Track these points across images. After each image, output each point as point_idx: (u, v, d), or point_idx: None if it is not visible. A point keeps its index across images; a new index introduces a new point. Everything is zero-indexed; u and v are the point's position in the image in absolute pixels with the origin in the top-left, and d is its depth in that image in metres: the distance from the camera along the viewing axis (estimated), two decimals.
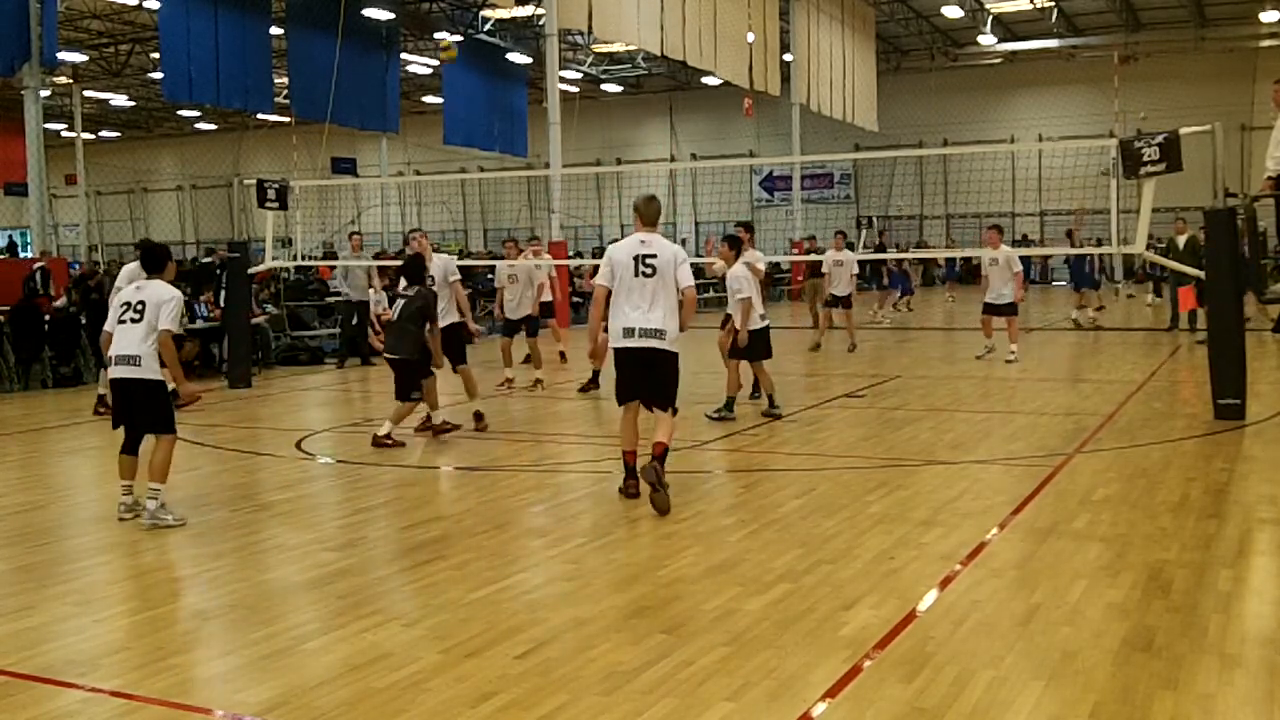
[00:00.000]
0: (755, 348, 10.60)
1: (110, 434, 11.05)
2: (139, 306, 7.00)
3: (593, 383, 12.99)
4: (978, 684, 4.14)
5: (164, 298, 7.01)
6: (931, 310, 27.03)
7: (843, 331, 17.23)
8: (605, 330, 7.51)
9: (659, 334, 7.13)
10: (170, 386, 7.19)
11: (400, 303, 10.04)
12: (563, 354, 16.62)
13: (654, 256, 7.20)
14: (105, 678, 4.41)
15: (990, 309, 15.28)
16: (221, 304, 15.42)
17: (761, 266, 12.05)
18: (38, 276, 18.26)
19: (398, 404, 9.80)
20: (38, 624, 5.12)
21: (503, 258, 14.91)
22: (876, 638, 4.64)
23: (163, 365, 6.98)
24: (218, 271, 15.93)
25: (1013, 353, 14.94)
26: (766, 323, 10.75)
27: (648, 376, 7.24)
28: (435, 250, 11.66)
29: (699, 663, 4.41)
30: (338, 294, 18.90)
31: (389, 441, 9.64)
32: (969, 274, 36.44)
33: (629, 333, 7.16)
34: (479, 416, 10.66)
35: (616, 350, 7.30)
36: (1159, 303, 23.98)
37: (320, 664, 4.52)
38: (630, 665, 4.39)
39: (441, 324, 10.31)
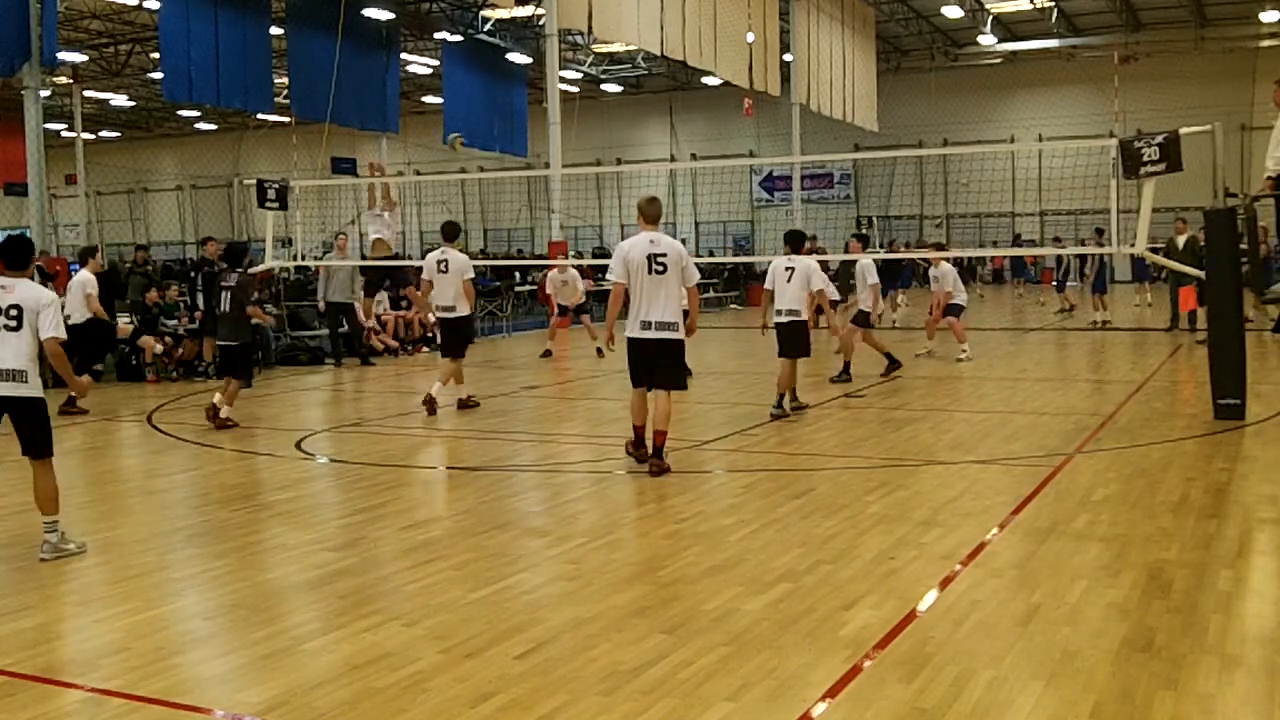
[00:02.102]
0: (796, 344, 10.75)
1: (111, 434, 11.06)
2: (12, 313, 6.20)
3: (845, 375, 13.42)
4: (978, 684, 4.14)
5: (42, 302, 6.27)
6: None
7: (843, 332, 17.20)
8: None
9: (672, 326, 8.08)
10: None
11: (225, 294, 10.92)
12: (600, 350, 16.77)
13: (664, 255, 8.08)
14: (105, 678, 4.41)
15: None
16: (200, 305, 15.10)
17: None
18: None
19: (228, 381, 10.89)
20: (38, 624, 5.12)
21: (498, 257, 15.48)
22: (876, 638, 4.64)
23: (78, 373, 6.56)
24: (193, 274, 15.53)
25: (964, 352, 15.38)
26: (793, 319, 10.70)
27: (659, 363, 8.11)
28: (434, 250, 12.04)
29: (699, 663, 4.41)
30: (314, 300, 18.54)
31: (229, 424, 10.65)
32: (963, 274, 36.41)
33: (646, 325, 8.06)
34: (465, 402, 11.81)
35: (633, 340, 8.12)
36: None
37: (320, 664, 4.52)
38: (630, 665, 4.39)
39: (453, 315, 11.68)
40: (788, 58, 32.93)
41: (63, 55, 26.16)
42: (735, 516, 6.85)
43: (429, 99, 40.94)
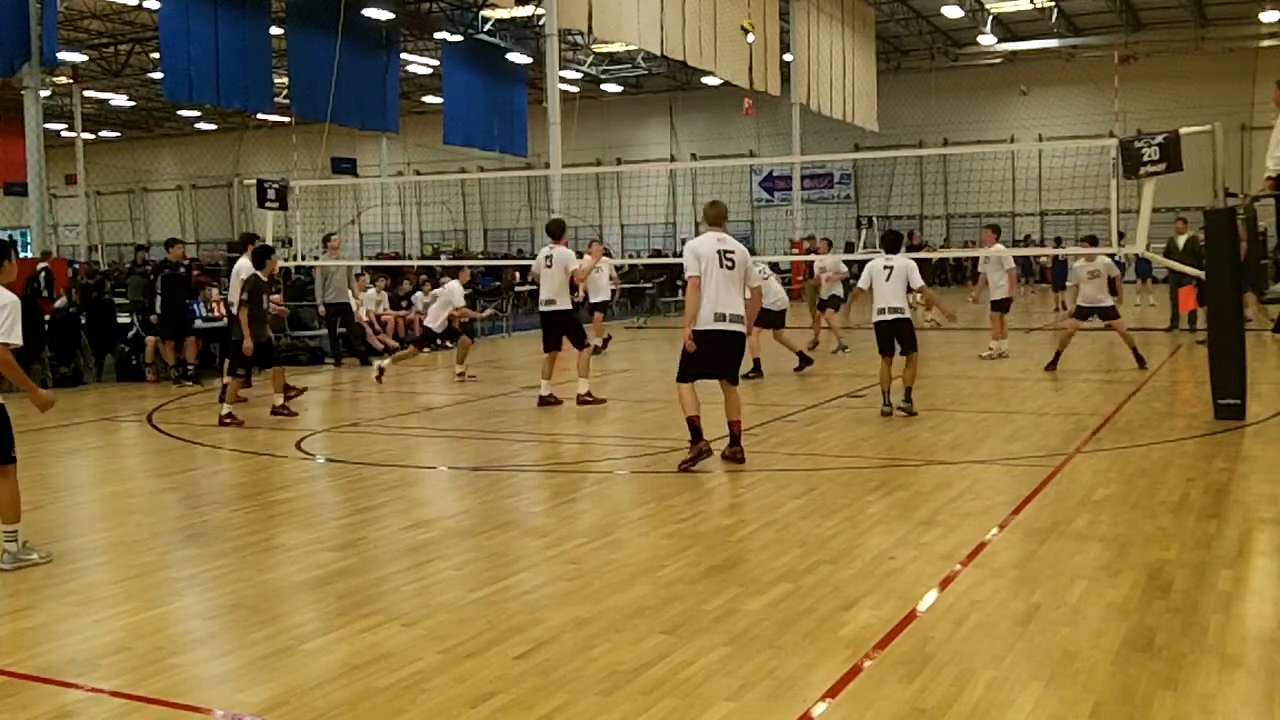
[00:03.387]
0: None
1: (111, 434, 11.06)
2: None
3: (756, 371, 13.70)
4: (978, 684, 4.14)
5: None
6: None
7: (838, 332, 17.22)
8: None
9: (740, 319, 8.25)
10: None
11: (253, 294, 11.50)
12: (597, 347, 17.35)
13: (732, 253, 8.25)
14: (105, 678, 4.40)
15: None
16: (158, 309, 14.71)
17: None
18: (41, 278, 18.25)
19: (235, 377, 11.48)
20: (38, 624, 5.12)
21: (494, 257, 15.88)
22: (876, 638, 4.64)
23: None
24: (153, 276, 14.98)
25: (990, 349, 15.42)
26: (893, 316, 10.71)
27: (729, 355, 8.29)
28: (434, 251, 12.12)
29: (699, 663, 4.40)
30: (314, 300, 18.44)
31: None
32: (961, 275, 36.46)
33: (720, 317, 8.13)
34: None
35: (705, 331, 8.14)
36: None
37: (320, 664, 4.52)
38: (630, 665, 4.39)
39: (553, 309, 11.88)
40: (788, 58, 32.93)
41: (63, 55, 26.19)
42: (735, 516, 6.85)
43: (429, 99, 40.95)
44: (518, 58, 33.20)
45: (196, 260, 21.13)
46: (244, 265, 12.26)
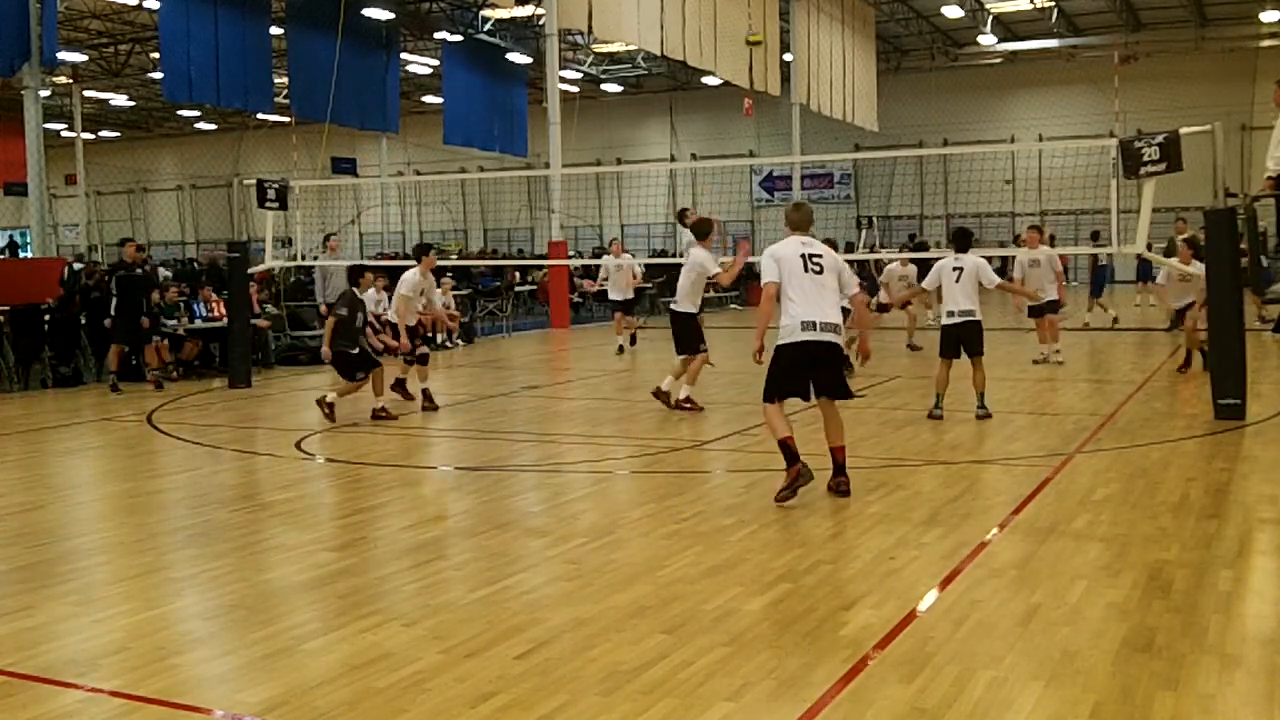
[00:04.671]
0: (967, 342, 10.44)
1: (111, 434, 11.06)
2: None
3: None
4: (978, 684, 4.14)
5: None
6: (929, 310, 26.98)
7: None
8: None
9: (837, 328, 7.16)
10: None
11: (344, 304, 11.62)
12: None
13: (820, 256, 7.25)
14: (105, 678, 4.40)
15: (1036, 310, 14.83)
16: (113, 312, 14.22)
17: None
18: (66, 273, 18.22)
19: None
20: (38, 624, 5.12)
21: (498, 257, 15.53)
22: (876, 638, 4.64)
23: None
24: (107, 278, 14.73)
25: (1043, 353, 14.64)
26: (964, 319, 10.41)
27: (821, 371, 7.17)
28: (434, 251, 12.39)
29: (699, 663, 4.40)
30: (314, 300, 18.35)
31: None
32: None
33: (809, 326, 7.06)
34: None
35: (791, 345, 7.11)
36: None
37: (320, 664, 4.52)
38: (630, 665, 4.39)
39: (675, 310, 11.48)
40: (788, 58, 32.93)
41: (63, 55, 26.18)
42: (735, 516, 6.84)
43: (429, 99, 40.94)
44: (518, 58, 33.20)
45: (148, 260, 20.95)
46: (409, 277, 11.96)
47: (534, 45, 32.78)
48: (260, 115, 33.93)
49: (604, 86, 42.85)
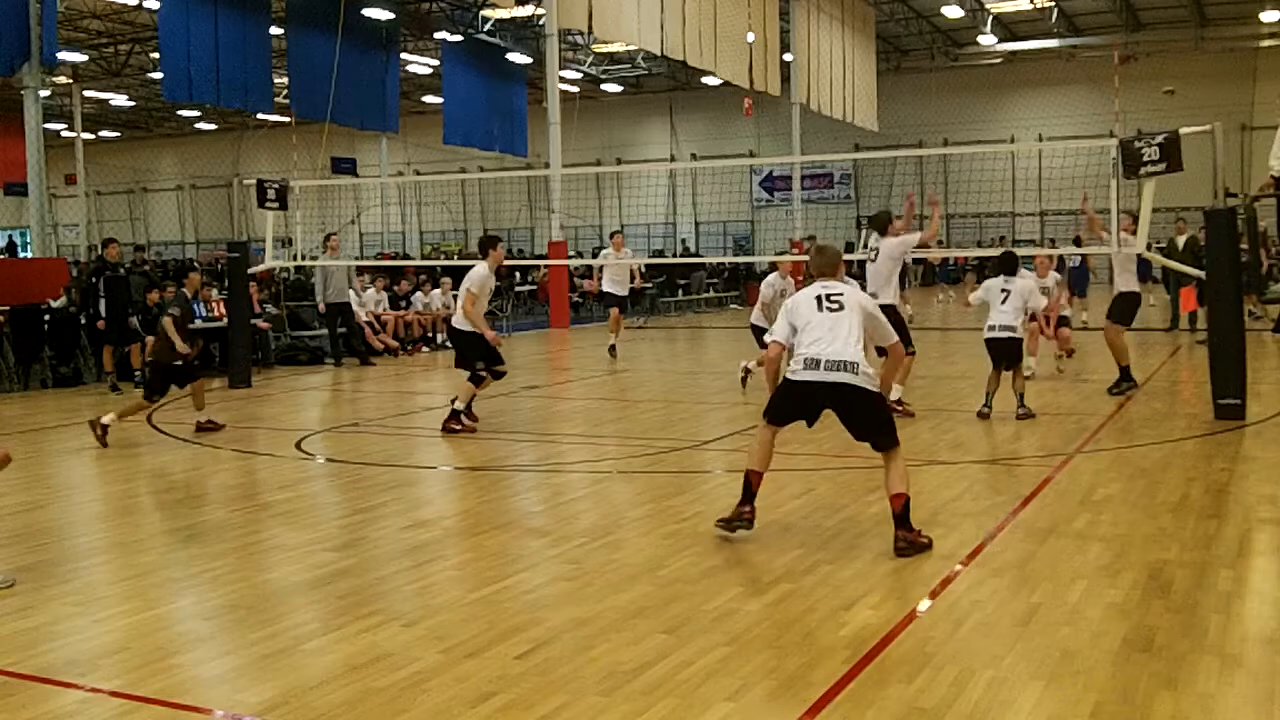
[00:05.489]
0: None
1: (111, 434, 11.04)
2: None
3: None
4: (978, 684, 4.14)
5: None
6: (928, 310, 27.03)
7: None
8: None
9: (849, 367, 6.03)
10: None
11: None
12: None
13: (839, 294, 6.30)
14: (105, 678, 4.40)
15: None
16: (103, 313, 14.17)
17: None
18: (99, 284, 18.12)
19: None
20: (38, 624, 5.12)
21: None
22: (876, 638, 4.64)
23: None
24: (93, 279, 14.64)
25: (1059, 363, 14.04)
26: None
27: (847, 419, 6.24)
28: (433, 252, 12.04)
29: (699, 663, 4.40)
30: (314, 300, 18.37)
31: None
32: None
33: (812, 364, 6.10)
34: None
35: (794, 382, 6.22)
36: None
37: (320, 664, 4.52)
38: (630, 665, 4.39)
39: (885, 300, 10.44)
40: (788, 58, 32.93)
41: (63, 55, 26.18)
42: None
43: (429, 99, 40.95)
44: (518, 58, 33.20)
45: (146, 260, 20.89)
46: (478, 273, 10.61)
47: (534, 45, 32.79)
48: (260, 115, 33.94)
49: (604, 86, 42.86)
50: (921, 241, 11.20)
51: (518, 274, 27.27)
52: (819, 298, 6.32)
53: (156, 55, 29.58)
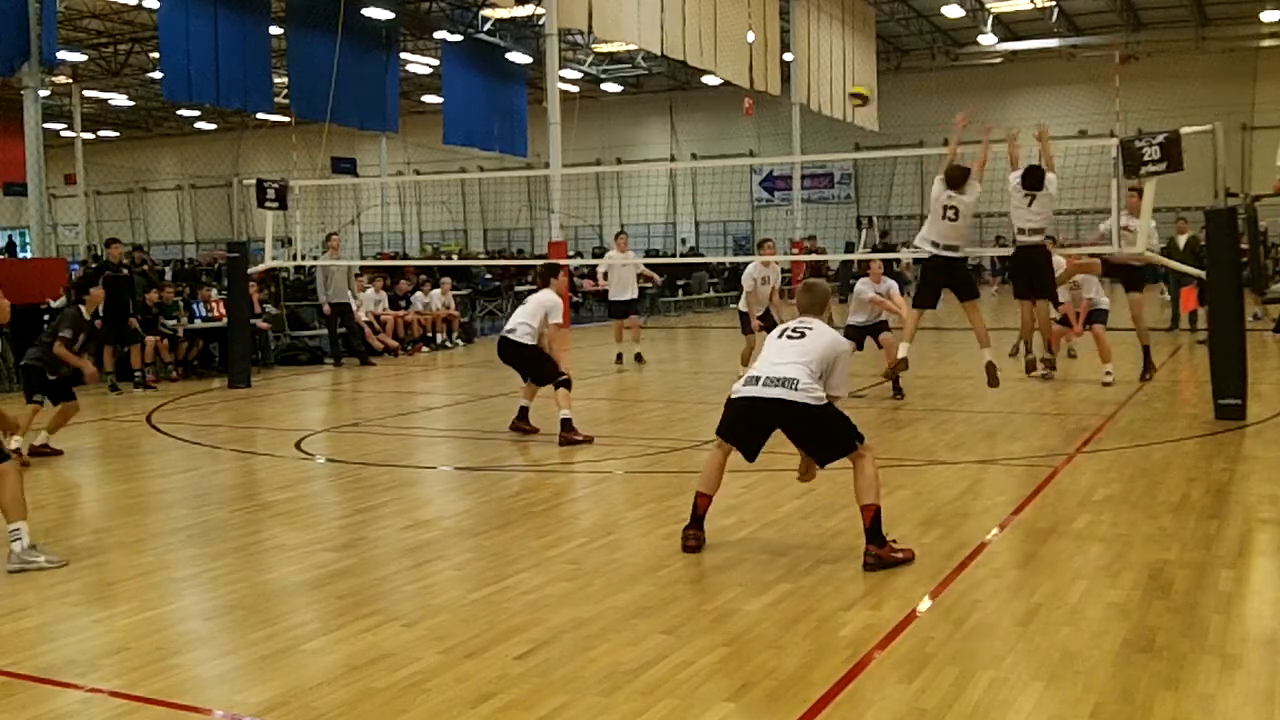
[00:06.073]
0: None
1: (111, 434, 11.05)
2: None
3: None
4: (978, 684, 4.14)
5: None
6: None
7: None
8: None
9: (790, 384, 5.81)
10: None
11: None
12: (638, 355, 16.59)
13: (809, 328, 6.10)
14: (105, 678, 4.40)
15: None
16: (102, 313, 14.02)
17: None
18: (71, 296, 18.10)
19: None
20: (38, 624, 5.12)
21: (498, 257, 15.10)
22: (876, 638, 4.64)
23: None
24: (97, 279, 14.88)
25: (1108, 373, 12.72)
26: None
27: (793, 435, 6.06)
28: (434, 250, 11.96)
29: (699, 663, 4.40)
30: (314, 300, 18.36)
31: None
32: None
33: (752, 380, 5.95)
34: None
35: (733, 401, 6.07)
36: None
37: (320, 664, 4.51)
38: (630, 665, 4.39)
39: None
40: (788, 57, 32.93)
41: (62, 55, 26.16)
42: (735, 516, 6.84)
43: (429, 99, 40.93)
44: (518, 57, 33.19)
45: (145, 260, 20.85)
46: (553, 300, 10.17)
47: (534, 45, 32.78)
48: (260, 115, 33.90)
49: (604, 86, 42.85)
50: (978, 174, 11.14)
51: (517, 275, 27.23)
52: (786, 330, 6.18)
53: (156, 55, 29.58)
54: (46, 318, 15.29)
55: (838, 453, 6.00)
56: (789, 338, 6.08)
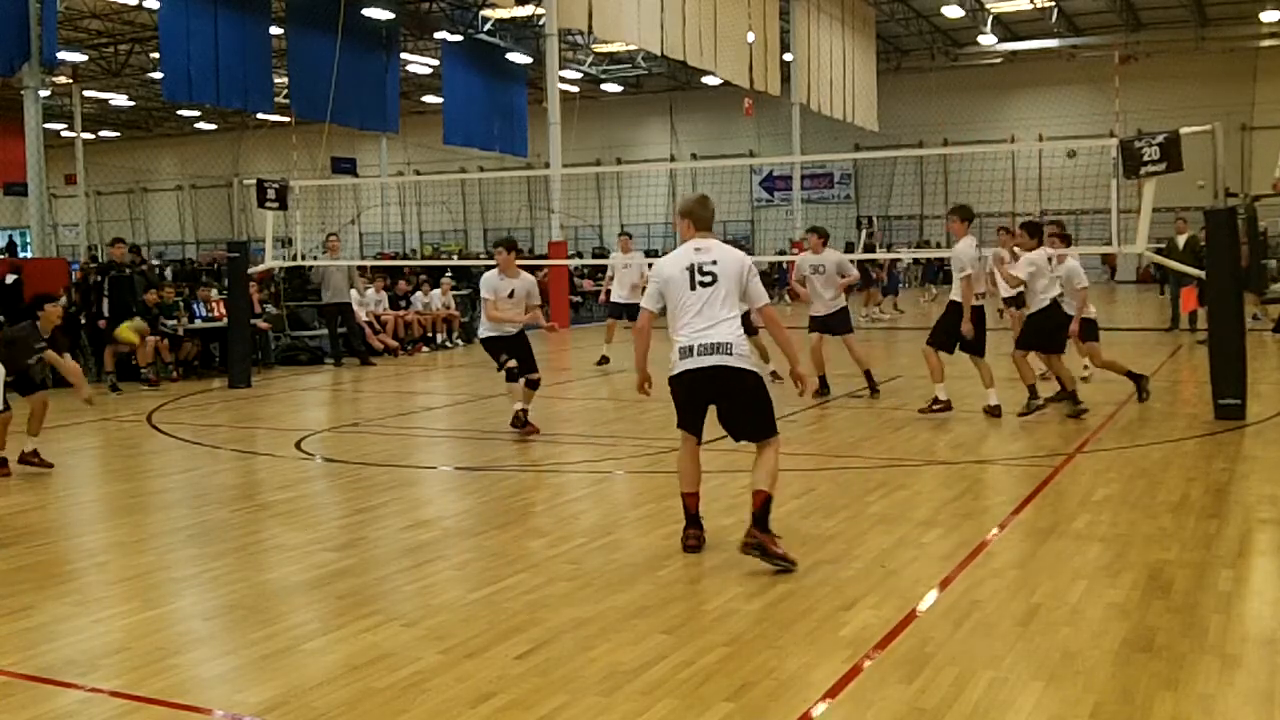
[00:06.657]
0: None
1: (110, 433, 11.05)
2: None
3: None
4: (978, 684, 4.14)
5: None
6: (927, 310, 27.02)
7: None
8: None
9: (726, 349, 5.74)
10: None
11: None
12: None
13: (713, 264, 5.87)
14: (105, 678, 4.40)
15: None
16: (106, 312, 14.24)
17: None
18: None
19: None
20: (38, 624, 5.12)
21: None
22: (876, 638, 4.64)
23: None
24: (99, 278, 14.63)
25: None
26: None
27: (733, 405, 5.89)
28: (434, 250, 11.94)
29: (699, 663, 4.40)
30: (314, 300, 18.42)
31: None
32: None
33: (686, 352, 5.79)
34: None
35: (675, 378, 5.91)
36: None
37: (320, 664, 4.52)
38: (630, 665, 4.39)
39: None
40: (788, 58, 32.95)
41: (63, 55, 26.17)
42: (735, 516, 6.83)
43: (429, 99, 40.96)
44: (518, 58, 33.20)
45: (145, 260, 20.88)
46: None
47: (534, 45, 32.79)
48: (260, 115, 33.93)
49: (604, 86, 42.87)
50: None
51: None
52: (692, 269, 5.88)
53: (156, 55, 29.60)
54: None
55: (761, 432, 5.89)
56: (701, 285, 5.86)
